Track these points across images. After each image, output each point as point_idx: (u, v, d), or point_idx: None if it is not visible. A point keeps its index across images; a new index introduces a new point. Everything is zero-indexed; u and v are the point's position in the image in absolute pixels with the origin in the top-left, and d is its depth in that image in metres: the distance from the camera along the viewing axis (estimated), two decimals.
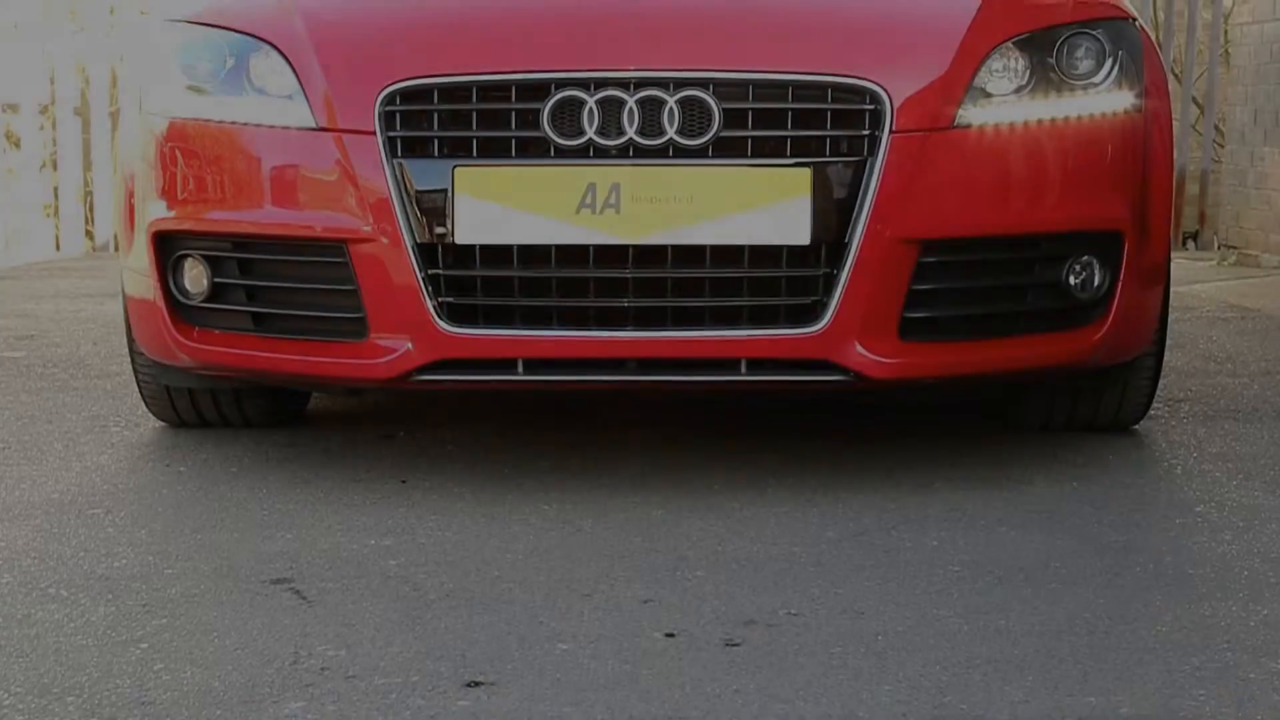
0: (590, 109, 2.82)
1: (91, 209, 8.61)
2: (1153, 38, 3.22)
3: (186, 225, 3.06)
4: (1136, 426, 3.58)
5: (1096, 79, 3.04)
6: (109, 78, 8.48)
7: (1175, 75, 9.15)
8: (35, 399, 3.95)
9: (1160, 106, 3.16)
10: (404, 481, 3.11)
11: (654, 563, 2.59)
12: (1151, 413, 3.67)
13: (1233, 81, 8.10)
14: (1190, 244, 9.30)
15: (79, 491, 3.04)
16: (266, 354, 3.05)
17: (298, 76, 2.95)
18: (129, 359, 3.52)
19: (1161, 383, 3.62)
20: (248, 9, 3.15)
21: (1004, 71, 2.97)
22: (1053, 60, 3.01)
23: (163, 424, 3.61)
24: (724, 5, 3.05)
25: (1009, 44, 2.98)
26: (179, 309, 3.10)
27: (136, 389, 3.58)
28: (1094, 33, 3.06)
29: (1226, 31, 9.06)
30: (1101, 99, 3.03)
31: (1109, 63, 3.06)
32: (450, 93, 2.86)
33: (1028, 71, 2.99)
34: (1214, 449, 3.41)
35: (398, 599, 2.40)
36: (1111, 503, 2.97)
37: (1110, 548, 2.68)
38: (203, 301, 3.08)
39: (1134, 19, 3.19)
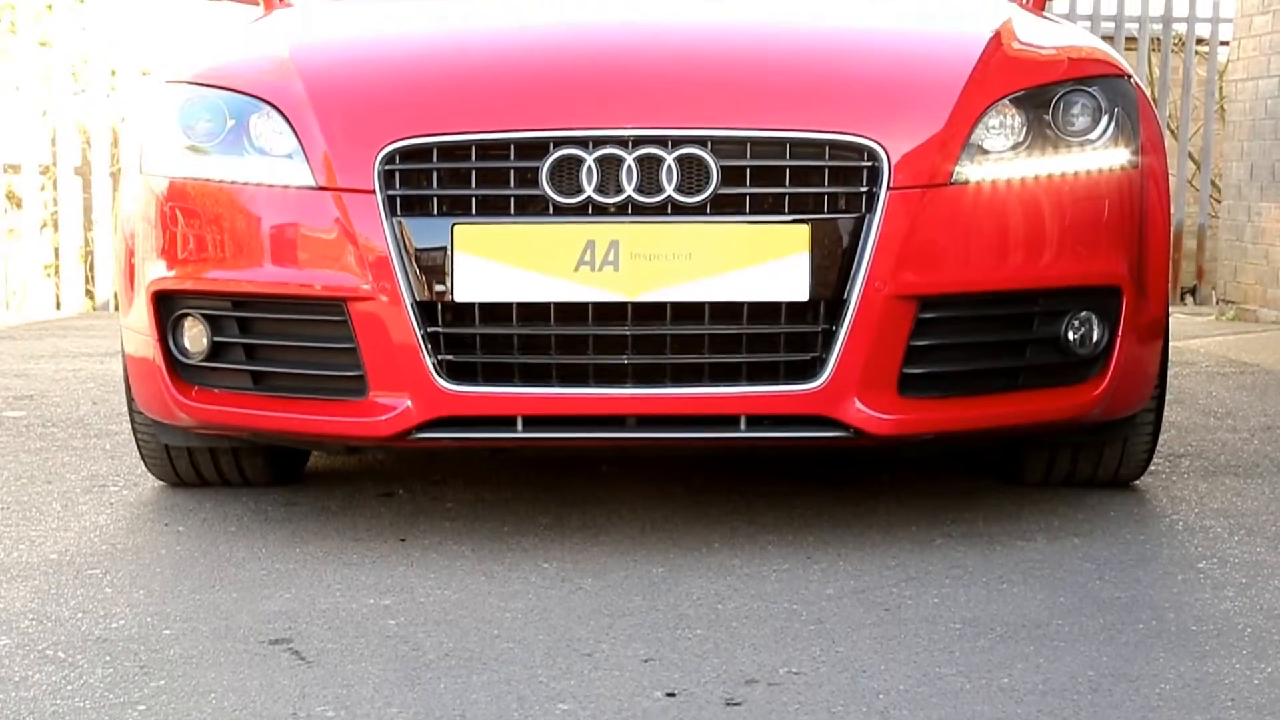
0: (589, 167, 2.83)
1: (92, 268, 8.62)
2: (1148, 94, 3.23)
3: (186, 284, 3.06)
4: (1137, 482, 3.57)
5: (1093, 136, 3.06)
6: (110, 138, 8.51)
7: (1171, 131, 9.20)
8: (34, 459, 3.95)
9: (1156, 163, 3.17)
10: (403, 540, 3.10)
11: (654, 621, 2.57)
12: (1152, 468, 3.66)
13: (1228, 137, 8.14)
14: (1188, 299, 9.32)
15: (77, 552, 3.03)
16: (266, 413, 3.05)
17: (297, 136, 2.96)
18: (128, 418, 3.52)
19: (1161, 438, 3.62)
20: (248, 70, 3.17)
21: (1000, 128, 2.99)
22: (1049, 117, 3.03)
23: (162, 483, 3.61)
24: (721, 63, 3.07)
25: (1005, 101, 3.00)
26: (178, 368, 3.10)
27: (136, 448, 3.58)
28: (1090, 90, 3.08)
29: (1221, 88, 9.11)
30: (1098, 155, 3.04)
31: (1105, 119, 3.07)
32: (449, 151, 2.87)
33: (1024, 128, 3.00)
34: (1215, 504, 3.40)
35: (397, 658, 2.39)
36: (1113, 559, 2.96)
37: (1112, 604, 2.67)
38: (202, 360, 3.08)
39: (1129, 76, 3.20)
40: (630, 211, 2.83)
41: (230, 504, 3.41)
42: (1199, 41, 9.48)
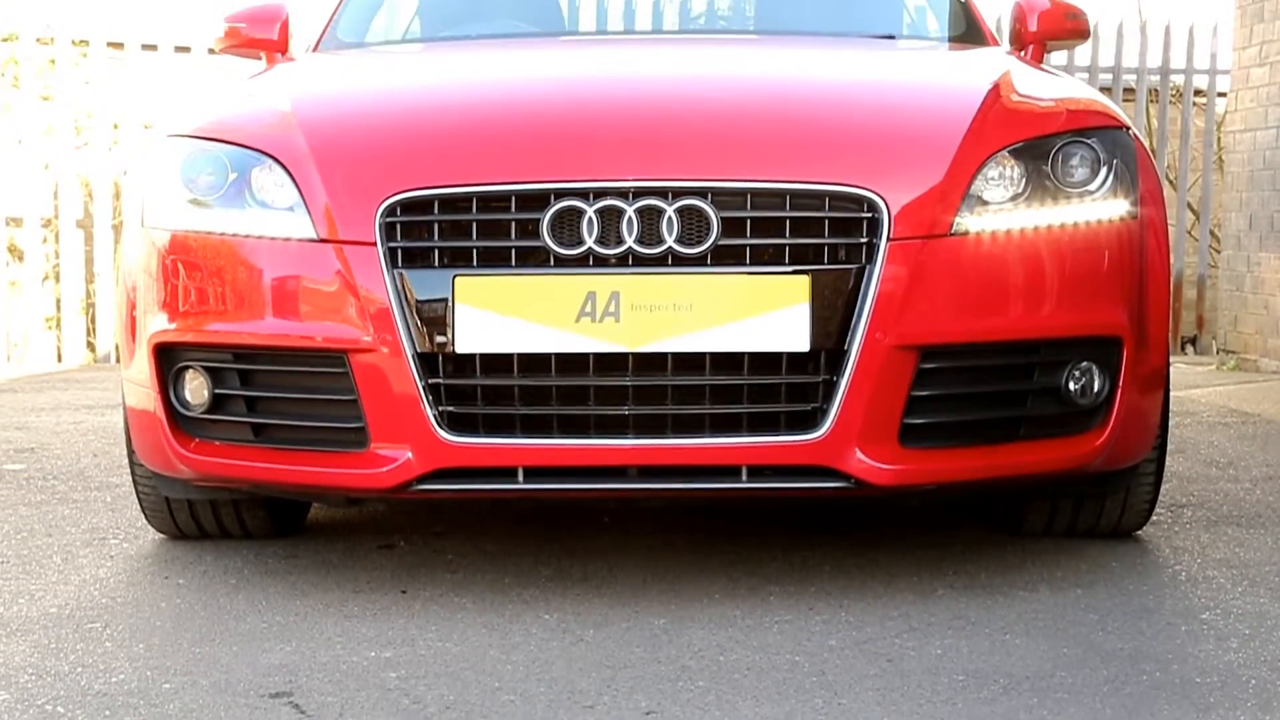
0: (589, 218, 2.84)
1: (94, 320, 8.64)
2: (1146, 145, 3.25)
3: (187, 337, 3.07)
4: (1139, 532, 3.57)
5: (1092, 187, 3.07)
6: (112, 190, 8.55)
7: (1170, 181, 9.24)
8: (34, 512, 3.94)
9: (1155, 214, 3.18)
10: (404, 592, 3.09)
11: (656, 673, 2.56)
12: (1154, 519, 3.66)
13: (1227, 188, 8.17)
14: (1189, 349, 9.33)
15: (77, 605, 3.03)
16: (266, 465, 3.04)
17: (299, 189, 2.97)
18: (129, 471, 3.51)
19: (1163, 488, 3.62)
20: (249, 123, 3.18)
21: (1000, 180, 3.00)
22: (1048, 168, 3.04)
23: (162, 536, 3.60)
24: (721, 115, 3.08)
25: (1004, 153, 3.01)
26: (179, 420, 3.10)
27: (136, 501, 3.57)
28: (1088, 141, 3.09)
29: (1220, 139, 9.15)
30: (1097, 206, 3.05)
31: (1104, 171, 3.08)
32: (450, 203, 2.88)
33: (1024, 180, 3.01)
34: (1218, 555, 3.40)
35: (398, 711, 2.38)
36: (1116, 610, 2.95)
37: (1116, 656, 2.66)
38: (203, 413, 3.08)
39: (1128, 128, 3.22)
40: (631, 263, 2.84)
41: (230, 556, 3.40)
42: (1197, 93, 9.53)
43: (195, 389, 3.09)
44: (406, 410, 2.87)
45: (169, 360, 3.10)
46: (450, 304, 2.84)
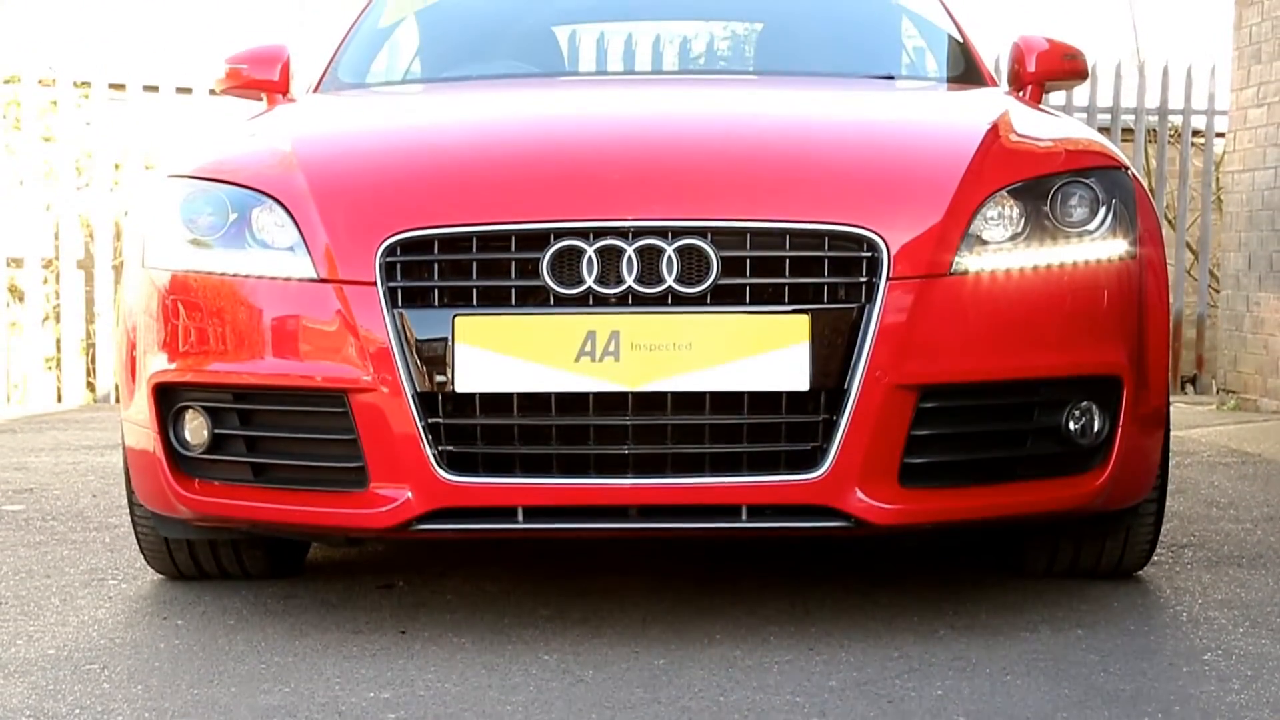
0: (589, 258, 2.84)
1: (94, 361, 8.64)
2: (1145, 185, 3.26)
3: (187, 377, 3.07)
4: (1140, 573, 3.56)
5: (1091, 227, 3.07)
6: (113, 231, 8.56)
7: (1169, 221, 9.26)
8: (33, 552, 3.93)
9: (1154, 253, 3.19)
10: (403, 632, 3.08)
11: (656, 713, 2.55)
12: (1155, 559, 3.65)
13: (1226, 228, 8.19)
14: (1189, 388, 9.33)
15: (75, 647, 3.02)
16: (266, 504, 3.04)
17: (299, 229, 2.98)
18: (128, 511, 3.51)
19: (1164, 528, 3.61)
20: (250, 164, 3.19)
21: (999, 219, 3.00)
22: (1047, 208, 3.04)
23: (161, 576, 3.59)
24: (720, 154, 3.09)
25: (1003, 193, 3.01)
26: (178, 460, 3.10)
27: (135, 541, 3.57)
28: (1087, 181, 3.10)
29: (1218, 178, 9.18)
30: (1096, 246, 3.06)
31: (1103, 210, 3.09)
32: (450, 243, 2.89)
33: (1023, 219, 3.02)
34: (1219, 595, 3.39)
35: None
36: (1117, 651, 2.94)
37: (1118, 697, 2.65)
38: (202, 453, 3.08)
39: (1126, 168, 3.23)
40: (631, 302, 2.84)
41: (229, 597, 3.39)
42: (1195, 133, 9.56)
43: (195, 429, 3.08)
44: (406, 450, 2.87)
45: (169, 400, 3.10)
46: (450, 343, 2.84)
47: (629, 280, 2.84)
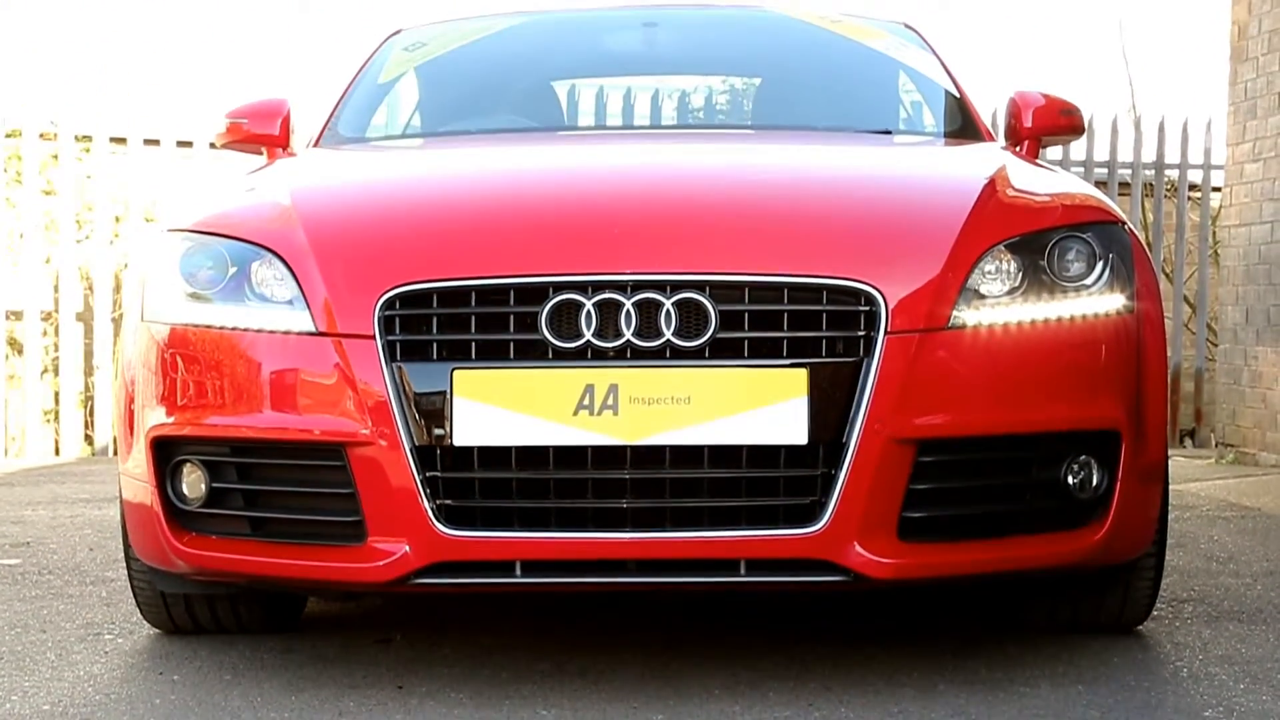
0: (588, 312, 2.85)
1: (92, 413, 8.64)
2: (1142, 238, 3.27)
3: (185, 430, 3.06)
4: (1140, 627, 3.54)
5: (1088, 281, 3.08)
6: (113, 283, 8.58)
7: (1166, 275, 9.28)
8: (29, 607, 3.92)
9: (1152, 308, 3.19)
10: (400, 687, 3.06)
11: None
12: (1155, 613, 3.63)
13: (1223, 281, 8.21)
14: (1187, 442, 9.33)
15: (70, 702, 3.00)
16: (263, 559, 3.03)
17: (298, 282, 2.98)
18: (125, 565, 3.49)
19: (1164, 583, 3.60)
20: (249, 217, 3.20)
21: (997, 274, 3.01)
22: (1044, 263, 3.05)
23: (157, 631, 3.58)
24: (718, 208, 3.10)
25: (1001, 247, 3.02)
26: (176, 514, 3.09)
27: (132, 595, 3.55)
28: (1084, 236, 3.11)
29: (1215, 232, 9.21)
30: (1094, 301, 3.06)
31: (1100, 265, 3.10)
32: (449, 297, 2.89)
33: (1020, 274, 3.02)
34: (1219, 651, 3.37)
35: None
36: (1118, 706, 2.92)
37: None
38: (200, 507, 3.07)
39: (1123, 222, 3.24)
40: (629, 356, 2.84)
41: (226, 651, 3.38)
42: (1192, 187, 9.60)
43: (192, 483, 3.08)
44: (404, 503, 2.86)
45: (167, 454, 3.09)
46: (448, 397, 2.84)
47: (627, 334, 2.84)
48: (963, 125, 4.27)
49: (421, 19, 4.89)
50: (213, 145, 5.68)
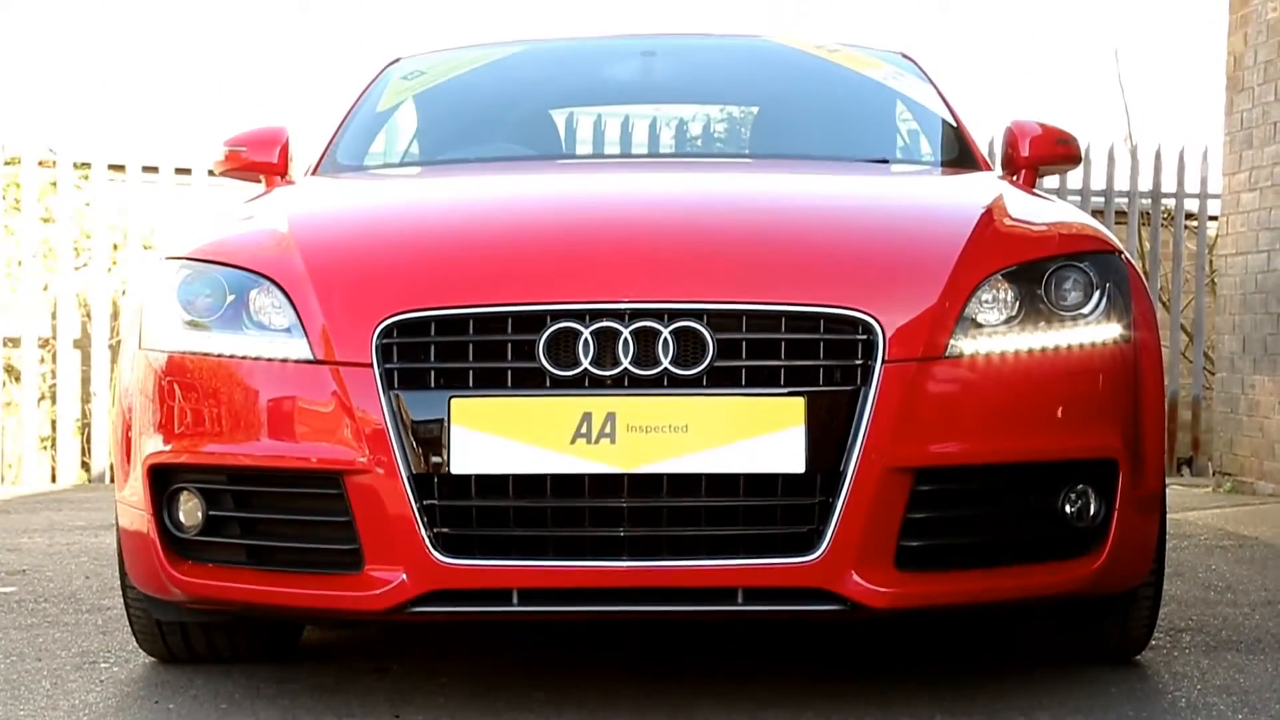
0: (585, 340, 2.85)
1: (89, 440, 8.63)
2: (1139, 267, 3.27)
3: (182, 459, 3.06)
4: (1138, 657, 3.53)
5: (1085, 310, 3.08)
6: (110, 310, 8.58)
7: (1163, 303, 9.29)
8: (24, 635, 3.91)
9: (1149, 337, 3.20)
10: (397, 716, 3.05)
11: None
12: (1153, 643, 3.63)
13: (1220, 310, 8.22)
14: (1185, 470, 9.32)
15: None
16: (259, 587, 3.02)
17: (296, 310, 2.98)
18: (121, 593, 3.48)
19: (1162, 612, 3.59)
20: (247, 245, 3.20)
21: (994, 303, 3.01)
22: (1041, 292, 3.06)
23: (153, 659, 3.57)
24: (716, 236, 3.11)
25: (998, 276, 3.03)
26: (172, 542, 3.09)
27: (128, 624, 3.54)
28: (1081, 265, 3.11)
29: (1211, 261, 9.22)
30: (1091, 330, 3.07)
31: (1097, 294, 3.10)
32: (446, 325, 2.89)
33: (1017, 303, 3.03)
34: (1217, 681, 3.36)
35: None
36: None
37: None
38: (196, 534, 3.07)
39: (1119, 251, 3.24)
40: (627, 384, 2.84)
41: (222, 680, 3.37)
42: (1188, 216, 9.62)
43: (189, 511, 3.07)
44: (401, 532, 2.86)
45: (163, 482, 3.09)
46: (446, 425, 2.84)
47: (625, 362, 2.84)
48: (960, 154, 4.28)
49: (420, 47, 4.91)
50: (211, 173, 5.69)
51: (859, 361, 2.86)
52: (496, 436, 2.83)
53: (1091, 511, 3.04)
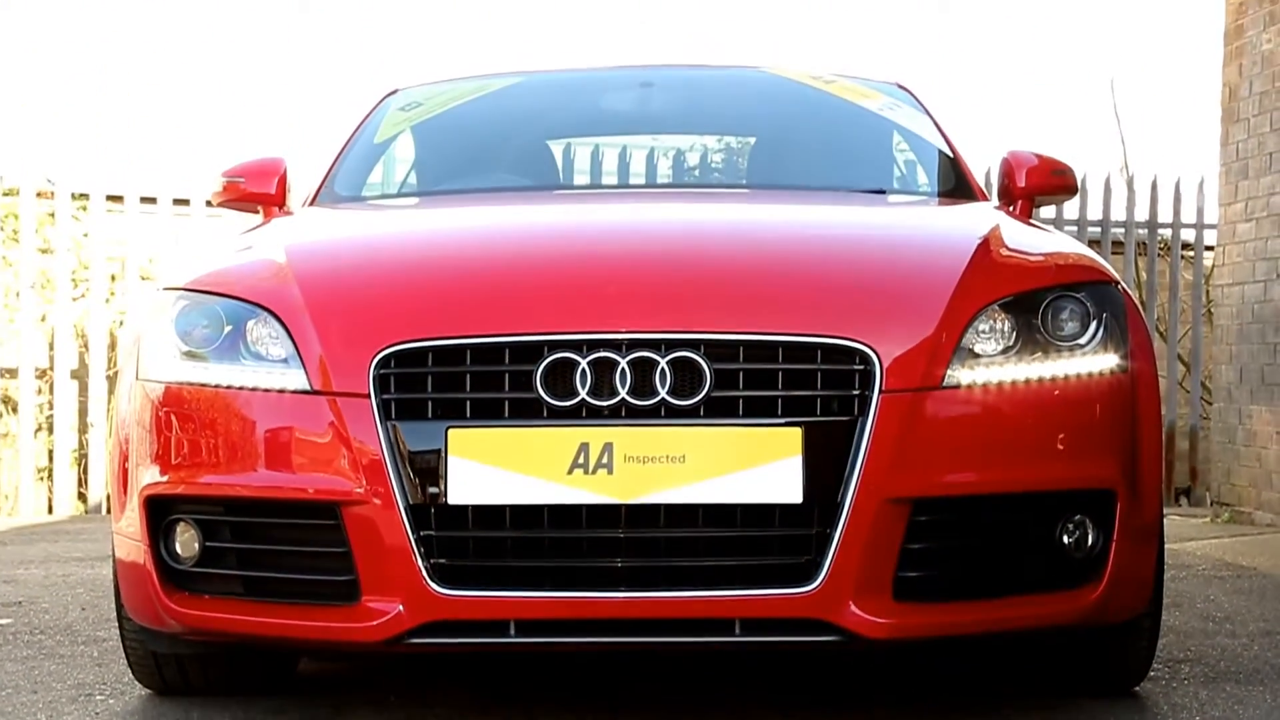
0: (582, 370, 2.85)
1: (85, 471, 8.62)
2: (1136, 297, 3.27)
3: (179, 490, 3.05)
4: (1137, 688, 3.52)
5: (1082, 340, 3.08)
6: (108, 341, 8.58)
7: (1160, 333, 9.29)
8: (20, 667, 3.89)
9: (1146, 367, 3.20)
10: None
11: None
12: (1151, 674, 3.61)
13: (1217, 341, 8.22)
14: (1183, 500, 9.31)
15: None
16: (256, 618, 3.01)
17: (293, 341, 2.98)
18: (118, 625, 3.47)
19: (1160, 643, 3.58)
20: (245, 276, 3.21)
21: (990, 333, 3.01)
22: (1038, 322, 3.06)
23: (149, 691, 3.55)
24: (712, 266, 3.11)
25: (995, 306, 3.03)
26: (168, 573, 3.08)
27: (124, 656, 3.53)
28: (1078, 295, 3.11)
29: (1208, 291, 9.23)
30: (1088, 360, 3.07)
31: (1094, 324, 3.10)
32: (444, 355, 2.89)
33: (1014, 333, 3.03)
34: (1216, 712, 3.35)
35: None
36: None
37: None
38: (193, 566, 3.06)
39: (1116, 282, 3.25)
40: (624, 414, 2.84)
41: (218, 712, 3.35)
42: (1185, 246, 9.63)
43: (185, 542, 3.07)
44: (398, 562, 2.85)
45: (160, 513, 3.08)
46: (443, 456, 2.84)
47: (622, 392, 2.84)
48: (956, 185, 4.29)
49: (418, 78, 4.92)
50: (209, 203, 5.69)
51: (856, 392, 2.86)
52: (493, 467, 2.83)
53: (1089, 542, 3.04)
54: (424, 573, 2.84)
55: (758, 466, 2.81)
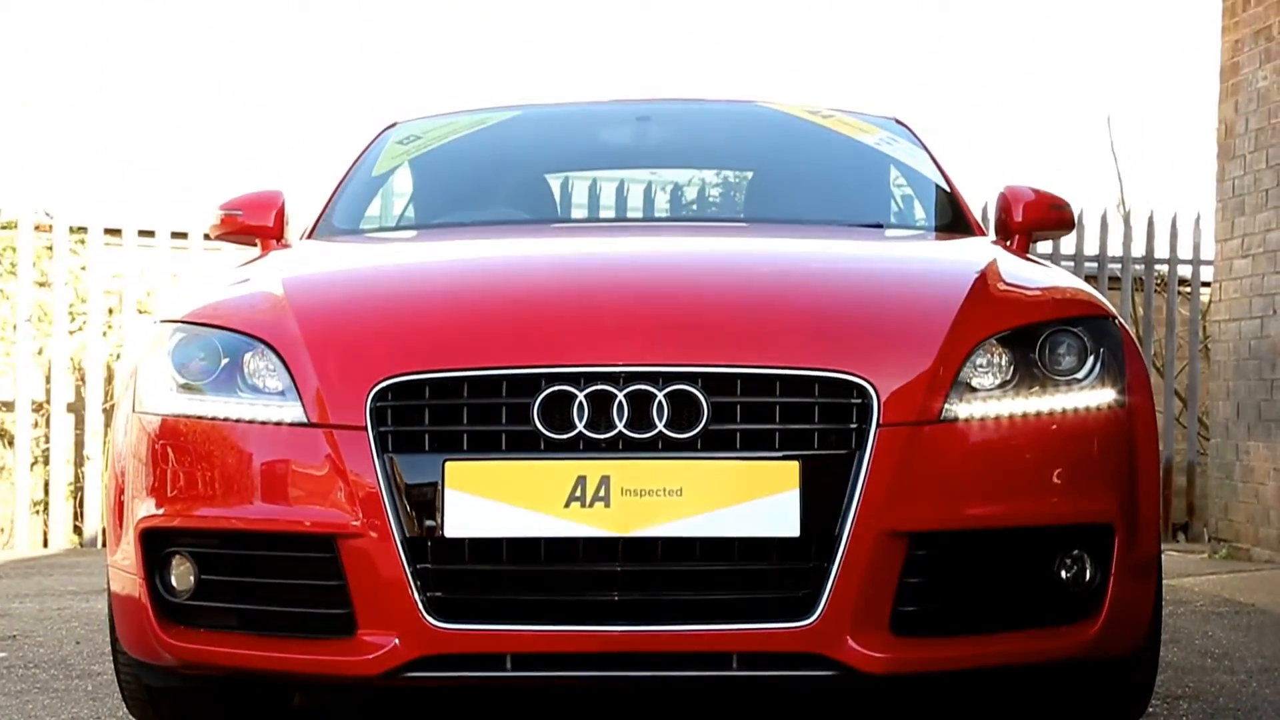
0: (580, 403, 2.84)
1: (81, 504, 8.60)
2: (1133, 333, 3.27)
3: (175, 522, 3.04)
4: None
5: (1079, 375, 3.08)
6: (104, 374, 8.57)
7: (1157, 369, 9.30)
8: (14, 701, 3.87)
9: (1143, 402, 3.19)
10: None
11: None
12: (1150, 710, 3.60)
13: (1213, 376, 8.23)
14: (1180, 536, 9.30)
15: None
16: (251, 651, 3.00)
17: (291, 373, 2.98)
18: (113, 659, 3.46)
19: (1158, 679, 3.56)
20: (242, 308, 3.20)
21: (988, 367, 3.01)
22: (1035, 356, 3.06)
23: None
24: (711, 299, 3.11)
25: (992, 340, 3.03)
26: (164, 606, 3.06)
27: (119, 690, 3.51)
28: (1075, 330, 3.11)
29: (1205, 327, 9.24)
30: (1085, 395, 3.06)
31: (1091, 359, 3.10)
32: (441, 388, 2.89)
33: (1011, 367, 3.03)
34: None
35: None
36: None
37: None
38: (189, 599, 3.04)
39: (1114, 316, 3.25)
40: (621, 448, 2.83)
41: None
42: (1181, 282, 9.65)
43: (181, 574, 3.06)
44: (394, 596, 2.84)
45: (156, 546, 3.07)
46: (440, 489, 2.83)
47: (619, 425, 2.83)
48: (953, 219, 4.30)
49: (416, 112, 4.93)
50: (207, 236, 5.70)
51: (854, 425, 2.86)
52: (490, 500, 2.82)
53: (1087, 577, 3.03)
54: (420, 606, 2.83)
55: (755, 500, 2.81)
